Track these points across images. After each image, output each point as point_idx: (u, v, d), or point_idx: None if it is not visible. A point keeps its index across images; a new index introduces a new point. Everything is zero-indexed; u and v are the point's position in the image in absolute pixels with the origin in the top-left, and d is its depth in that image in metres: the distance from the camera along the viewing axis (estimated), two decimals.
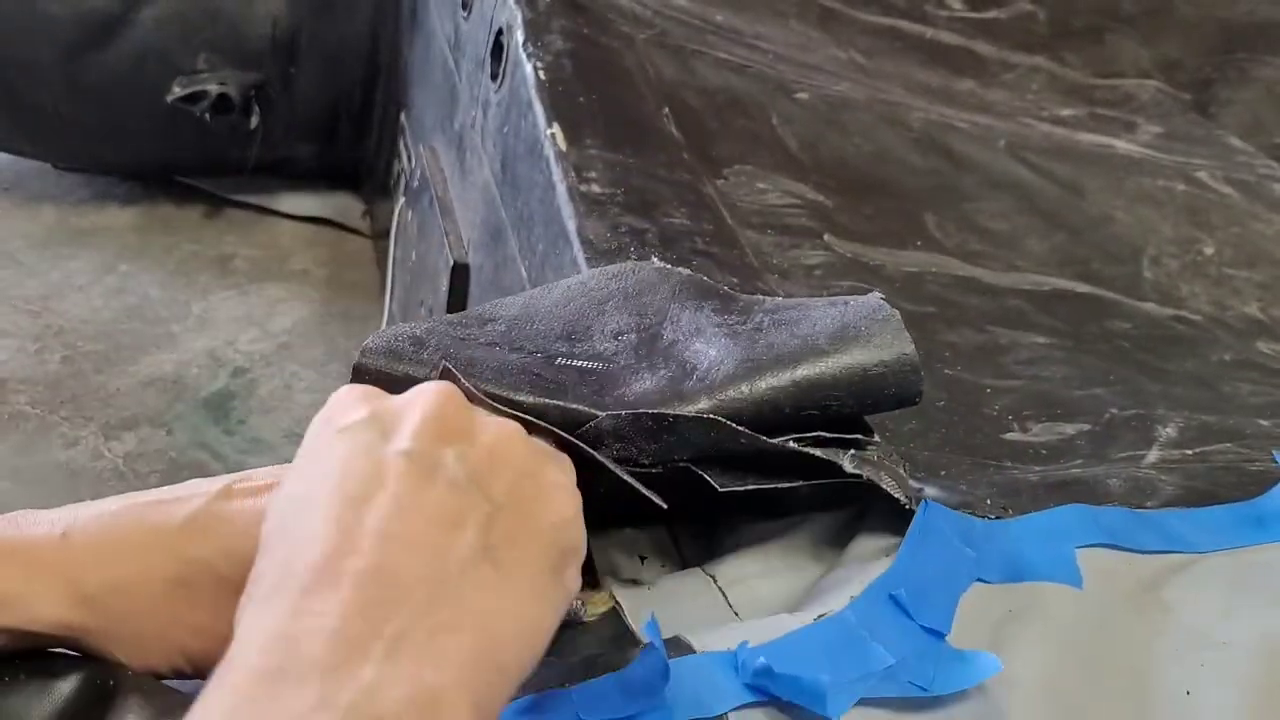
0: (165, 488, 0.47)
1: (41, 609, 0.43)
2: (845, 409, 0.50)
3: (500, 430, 0.42)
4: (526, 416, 0.46)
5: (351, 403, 0.41)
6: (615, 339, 0.53)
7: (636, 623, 0.49)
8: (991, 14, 1.39)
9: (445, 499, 0.38)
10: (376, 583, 0.34)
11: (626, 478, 0.47)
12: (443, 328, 0.52)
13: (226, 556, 0.43)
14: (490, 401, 0.46)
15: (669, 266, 0.58)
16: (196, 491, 0.45)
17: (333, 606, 0.34)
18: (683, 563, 0.55)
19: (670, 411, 0.48)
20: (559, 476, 0.42)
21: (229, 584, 0.41)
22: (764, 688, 0.43)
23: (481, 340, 0.52)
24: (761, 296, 0.56)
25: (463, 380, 0.45)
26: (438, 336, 0.51)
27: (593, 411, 0.48)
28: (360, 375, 0.49)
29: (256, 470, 0.47)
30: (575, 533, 0.41)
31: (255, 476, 0.46)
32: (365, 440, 0.39)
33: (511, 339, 0.52)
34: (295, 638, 0.33)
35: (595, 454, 0.47)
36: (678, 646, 0.45)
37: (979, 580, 0.49)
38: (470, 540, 0.37)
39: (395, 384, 0.48)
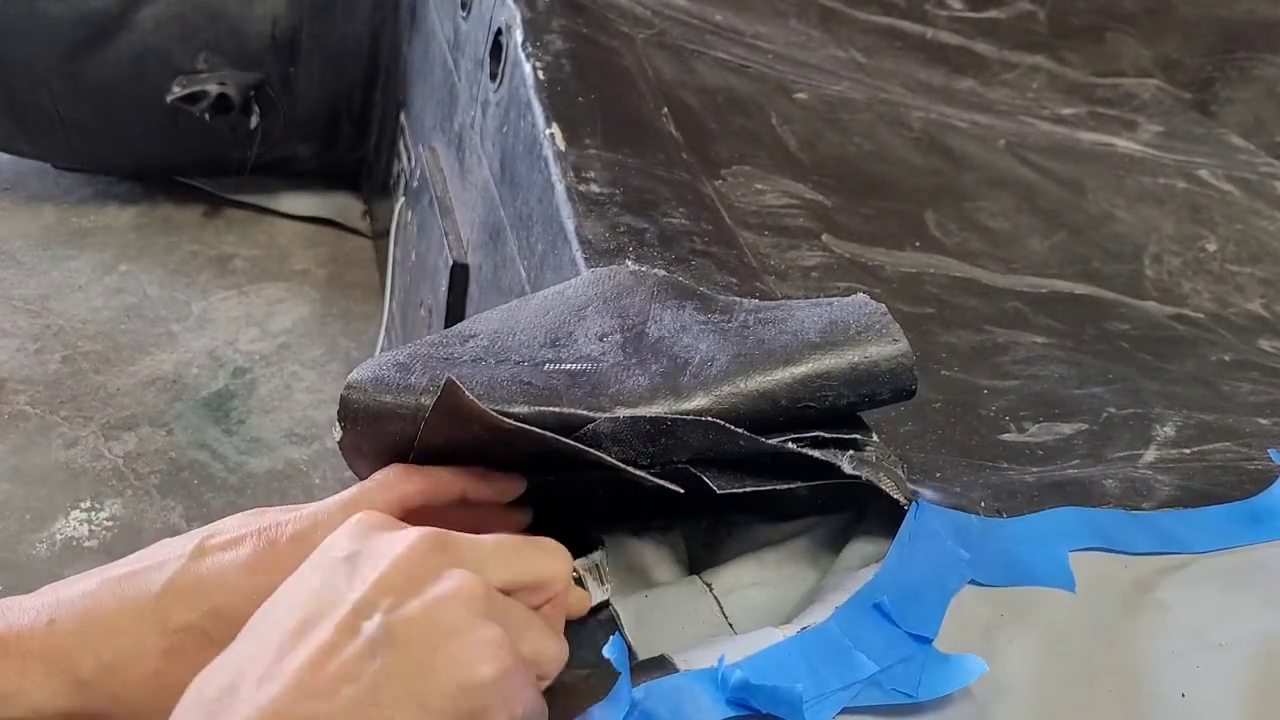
0: (139, 553, 0.46)
1: (40, 700, 0.43)
2: (842, 401, 0.50)
3: (456, 586, 0.40)
4: (524, 426, 0.46)
5: (348, 535, 0.42)
6: (600, 340, 0.53)
7: (634, 634, 0.49)
8: (991, 13, 1.39)
9: (352, 661, 0.37)
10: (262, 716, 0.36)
11: (637, 473, 0.47)
12: (425, 350, 0.51)
13: (211, 617, 0.43)
14: (495, 414, 0.45)
15: (643, 269, 0.58)
16: (170, 555, 0.45)
17: None
18: (683, 561, 0.55)
19: (668, 415, 0.48)
20: (490, 633, 0.40)
21: (218, 643, 0.40)
22: (744, 702, 0.42)
23: (466, 357, 0.51)
24: (739, 298, 0.56)
25: (467, 395, 0.45)
26: (421, 360, 0.50)
27: (589, 415, 0.48)
28: (348, 408, 0.48)
29: (225, 521, 0.46)
30: (492, 695, 0.39)
31: (225, 529, 0.46)
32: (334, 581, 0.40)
33: (496, 352, 0.52)
34: None
35: (601, 455, 0.47)
36: (662, 666, 0.45)
37: (973, 582, 0.48)
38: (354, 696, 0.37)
39: (384, 414, 0.48)
